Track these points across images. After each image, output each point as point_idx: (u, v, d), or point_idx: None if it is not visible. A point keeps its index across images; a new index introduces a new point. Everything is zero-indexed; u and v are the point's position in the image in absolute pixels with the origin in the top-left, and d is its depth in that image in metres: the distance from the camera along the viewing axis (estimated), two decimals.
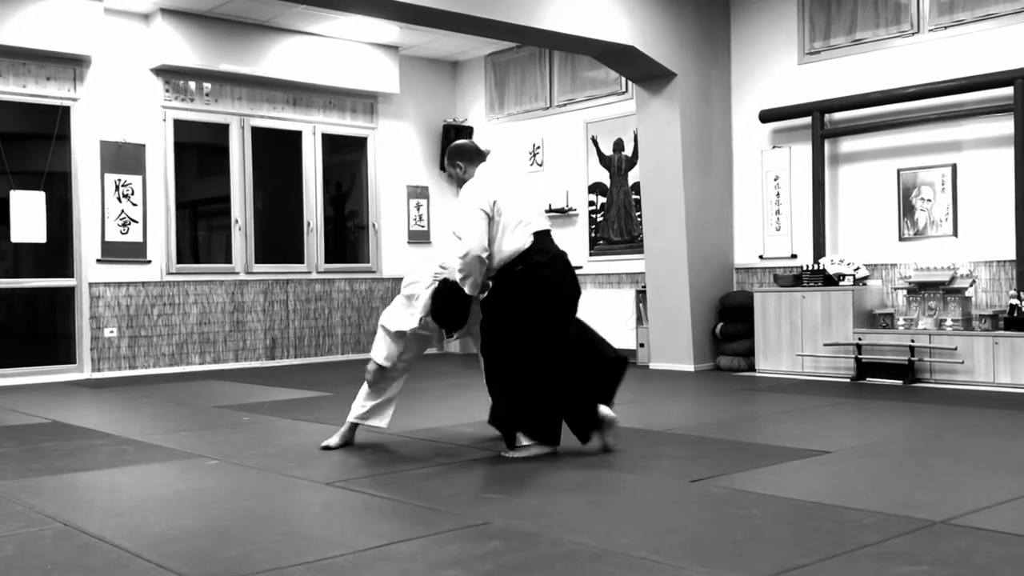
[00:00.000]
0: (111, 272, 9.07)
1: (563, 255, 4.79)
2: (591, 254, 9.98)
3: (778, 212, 8.64)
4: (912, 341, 7.30)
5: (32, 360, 8.76)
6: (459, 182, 4.90)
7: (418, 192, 11.20)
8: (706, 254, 8.69)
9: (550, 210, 10.14)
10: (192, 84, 9.57)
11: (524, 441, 4.66)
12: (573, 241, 10.06)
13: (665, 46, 8.35)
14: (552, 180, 10.33)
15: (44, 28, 8.43)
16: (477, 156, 4.87)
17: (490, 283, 4.66)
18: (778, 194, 8.64)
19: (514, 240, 4.57)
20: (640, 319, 9.24)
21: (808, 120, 8.29)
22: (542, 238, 4.69)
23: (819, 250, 8.18)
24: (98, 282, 9.00)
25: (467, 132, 11.14)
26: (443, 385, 7.85)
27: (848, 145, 8.24)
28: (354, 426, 5.04)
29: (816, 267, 8.00)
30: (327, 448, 4.97)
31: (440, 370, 9.19)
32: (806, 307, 7.91)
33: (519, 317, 4.58)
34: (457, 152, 4.90)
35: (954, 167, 7.58)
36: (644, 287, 9.12)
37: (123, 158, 9.14)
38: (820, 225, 8.21)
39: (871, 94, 7.92)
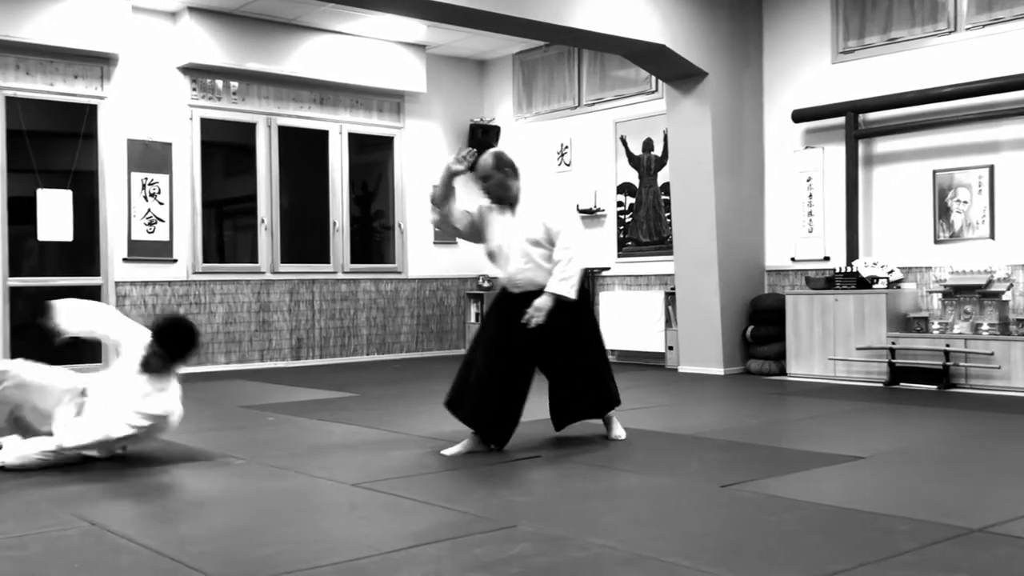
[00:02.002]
0: (137, 271, 9.06)
1: None
2: (619, 255, 9.88)
3: (810, 213, 8.52)
4: (947, 346, 7.17)
5: (58, 359, 8.69)
6: (501, 191, 4.92)
7: None
8: (737, 256, 8.59)
9: (577, 210, 10.00)
10: (219, 83, 9.55)
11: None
12: (601, 242, 9.99)
13: (697, 45, 8.26)
14: (580, 180, 10.25)
15: (72, 26, 8.43)
16: (519, 175, 4.99)
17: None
18: (811, 195, 8.52)
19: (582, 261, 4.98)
20: (669, 321, 9.16)
21: (842, 120, 8.17)
22: None
23: (852, 252, 8.06)
24: (124, 281, 8.99)
25: (494, 132, 11.08)
26: None
27: (883, 146, 8.11)
28: None
29: (849, 269, 7.89)
30: None
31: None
32: (839, 310, 7.80)
33: (594, 322, 5.13)
34: (506, 159, 4.95)
35: (991, 168, 7.45)
36: (673, 289, 9.04)
37: (150, 157, 9.13)
38: (853, 227, 8.09)
39: (906, 94, 7.79)
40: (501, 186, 4.90)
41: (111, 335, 4.85)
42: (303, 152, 10.26)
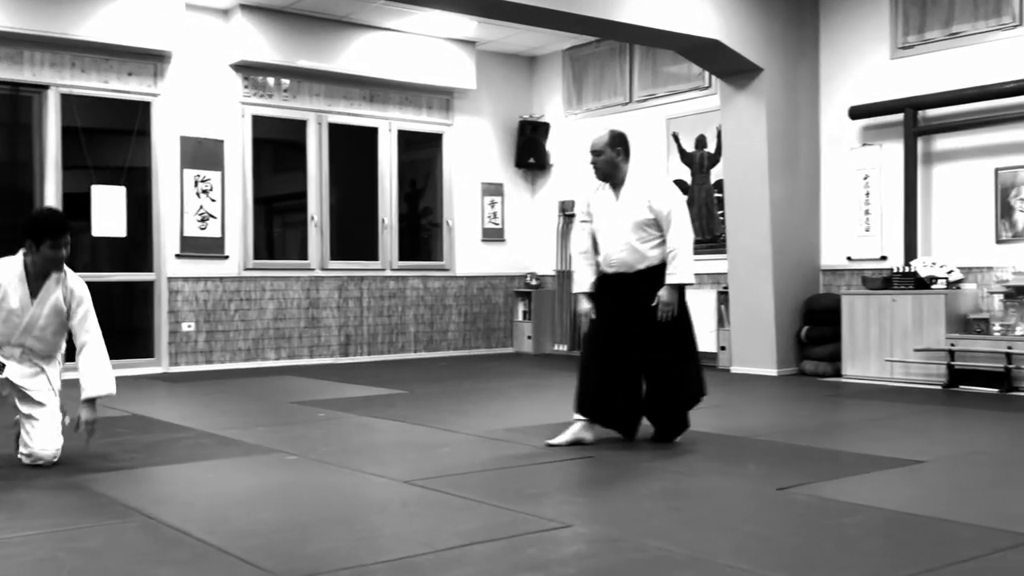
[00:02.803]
0: (189, 267, 9.13)
1: None
2: None
3: (867, 212, 8.37)
4: (1009, 348, 7.01)
5: (111, 353, 8.77)
6: (610, 168, 4.96)
7: (493, 189, 11.11)
8: (791, 255, 8.46)
9: None
10: (271, 80, 9.59)
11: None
12: None
13: (751, 40, 8.15)
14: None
15: (126, 24, 8.51)
16: (629, 157, 5.05)
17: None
18: (868, 193, 8.36)
19: None
20: (721, 321, 9.05)
21: (900, 117, 8.01)
22: None
23: (910, 252, 7.91)
24: (176, 277, 9.06)
25: (544, 128, 11.03)
26: (518, 385, 7.78)
27: (943, 143, 7.94)
28: None
29: (907, 269, 7.74)
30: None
31: (513, 370, 9.12)
32: (896, 311, 7.64)
33: (690, 322, 5.03)
34: (623, 140, 5.03)
35: None
36: (726, 288, 8.94)
37: (202, 154, 9.19)
38: (912, 226, 7.93)
39: (968, 90, 7.62)
40: (611, 164, 4.96)
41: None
42: (353, 149, 10.28)
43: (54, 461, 4.43)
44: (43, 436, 4.42)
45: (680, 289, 4.91)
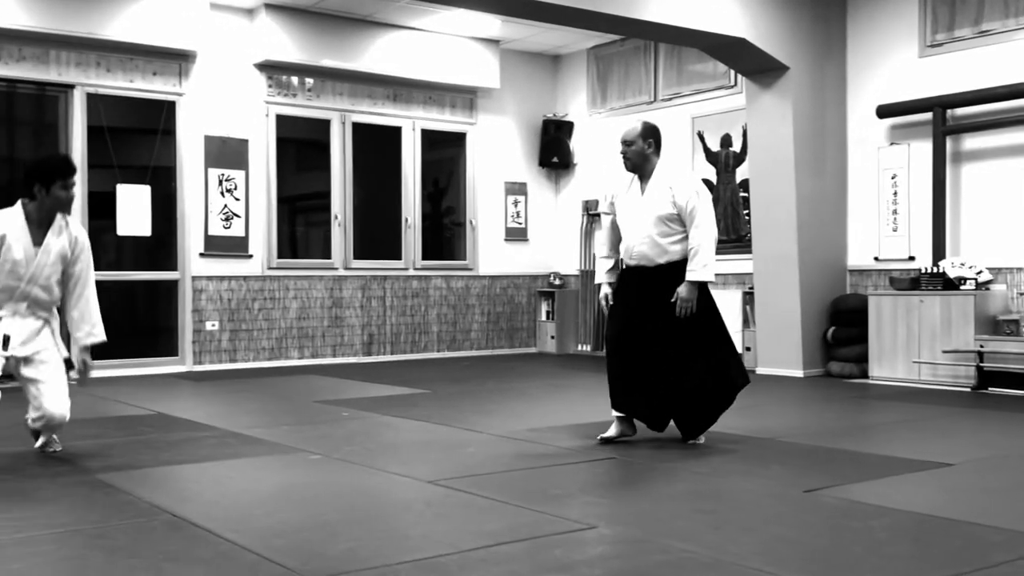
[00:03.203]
0: (213, 266, 9.15)
1: None
2: None
3: (895, 212, 8.28)
4: None
5: (135, 352, 8.88)
6: (640, 160, 4.96)
7: (516, 188, 11.08)
8: (818, 255, 8.39)
9: None
10: (295, 79, 9.61)
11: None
12: None
13: (778, 38, 8.08)
14: None
15: (151, 24, 8.54)
16: (660, 150, 5.04)
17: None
18: (895, 193, 8.28)
19: None
20: (747, 322, 8.99)
21: (929, 116, 7.92)
22: None
23: (939, 252, 7.83)
24: (201, 276, 9.09)
25: (568, 127, 11.00)
26: (541, 385, 7.75)
27: (972, 142, 7.84)
28: None
29: (935, 270, 7.66)
30: None
31: (537, 370, 9.09)
32: (924, 312, 7.56)
33: (717, 313, 5.02)
34: (655, 132, 5.01)
35: None
36: (751, 288, 8.88)
37: (227, 153, 9.21)
38: (940, 226, 7.84)
39: (998, 88, 7.52)
40: (641, 155, 4.95)
41: None
42: (376, 148, 10.29)
43: (65, 422, 4.46)
44: (53, 397, 4.46)
45: (702, 286, 4.89)
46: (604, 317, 5.29)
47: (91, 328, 4.60)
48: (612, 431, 5.02)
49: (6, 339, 4.39)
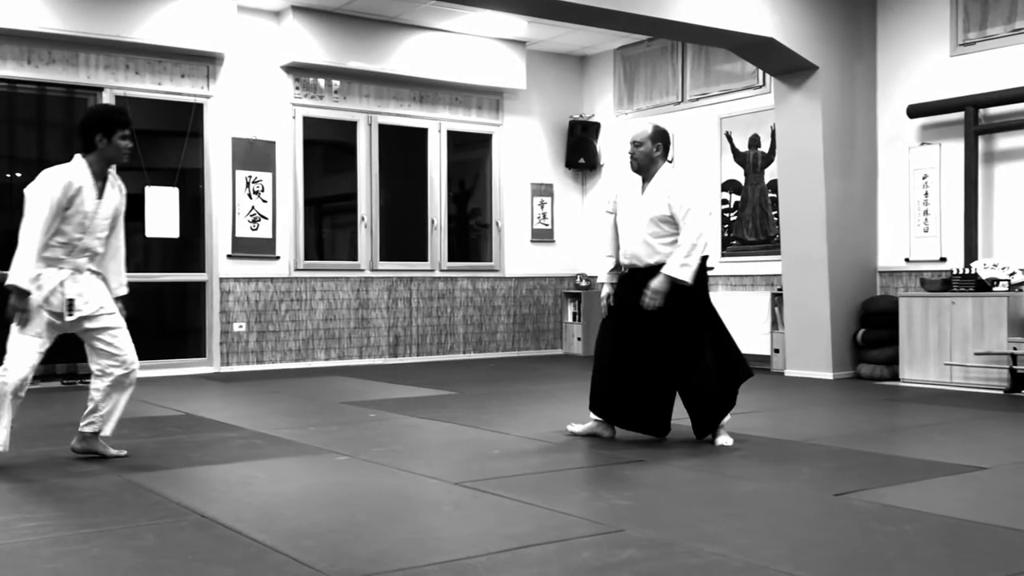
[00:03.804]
0: (241, 268, 9.18)
1: None
2: (724, 255, 9.66)
3: (926, 212, 8.19)
4: None
5: (163, 353, 8.92)
6: (646, 162, 5.03)
7: (542, 190, 11.06)
8: (847, 256, 8.31)
9: None
10: (321, 81, 9.63)
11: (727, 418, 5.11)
12: None
13: (807, 38, 8.02)
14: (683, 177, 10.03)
15: (179, 26, 8.59)
16: (667, 154, 5.12)
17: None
18: (926, 193, 8.19)
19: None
20: (775, 323, 8.92)
21: (960, 115, 7.83)
22: None
23: (971, 253, 7.73)
24: (228, 277, 9.13)
25: (594, 128, 10.96)
26: (568, 387, 7.72)
27: (1005, 142, 7.75)
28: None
29: (967, 271, 7.57)
30: None
31: (563, 372, 9.06)
32: (956, 313, 7.47)
33: (712, 311, 5.07)
34: (665, 137, 5.09)
35: None
36: (780, 290, 8.81)
37: (254, 155, 9.24)
38: (972, 227, 7.75)
39: None
40: (648, 157, 5.03)
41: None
42: (402, 150, 10.29)
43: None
44: (129, 344, 4.55)
45: (696, 286, 4.90)
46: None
47: (123, 280, 4.72)
48: (584, 428, 5.21)
49: (70, 303, 4.40)
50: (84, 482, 4.10)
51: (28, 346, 4.33)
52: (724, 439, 5.02)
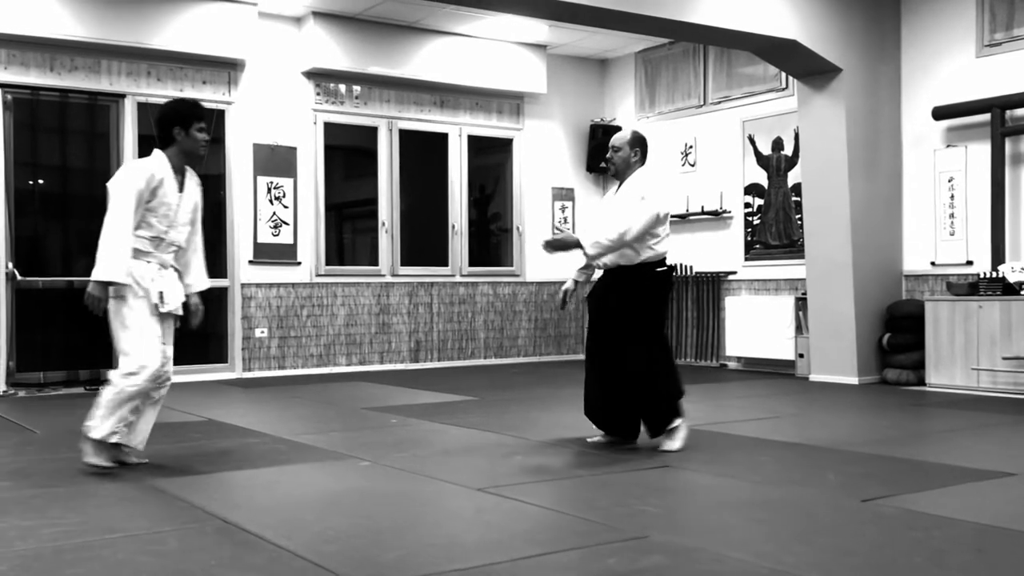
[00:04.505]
0: (262, 273, 9.19)
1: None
2: (747, 258, 9.59)
3: (952, 215, 8.10)
4: None
5: (185, 359, 8.91)
6: (623, 166, 5.10)
7: (563, 194, 11.03)
8: (872, 260, 8.24)
9: (702, 212, 9.87)
10: (342, 87, 9.64)
11: (676, 423, 4.95)
12: (727, 245, 9.73)
13: (830, 39, 7.95)
14: (705, 181, 10.00)
15: (201, 33, 8.61)
16: (645, 160, 5.18)
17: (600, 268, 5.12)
18: (952, 196, 8.10)
19: (666, 246, 5.01)
20: (799, 328, 8.84)
21: (987, 117, 7.75)
22: None
23: (998, 256, 7.64)
24: (250, 283, 9.14)
25: (615, 132, 10.87)
26: None
27: None
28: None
29: (994, 274, 7.49)
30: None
31: (584, 378, 8.98)
32: (983, 317, 7.38)
33: (653, 312, 4.99)
34: (643, 143, 5.17)
35: None
36: (804, 294, 8.73)
37: (275, 161, 9.26)
38: (999, 229, 7.66)
39: None
40: (625, 162, 5.10)
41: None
42: (423, 155, 10.29)
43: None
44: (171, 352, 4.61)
45: (647, 283, 4.92)
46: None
47: (204, 274, 4.78)
48: (598, 437, 5.19)
49: (161, 295, 4.44)
50: (107, 488, 4.10)
51: (146, 334, 4.35)
52: (669, 444, 4.93)
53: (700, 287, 10.00)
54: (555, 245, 4.92)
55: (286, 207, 9.30)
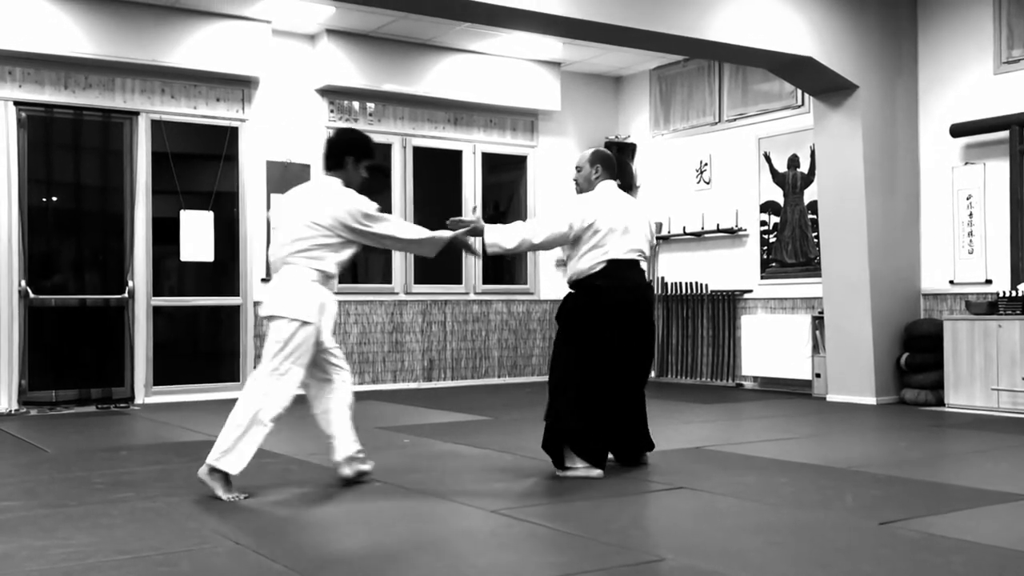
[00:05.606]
0: None
1: (640, 287, 4.98)
2: (763, 277, 9.53)
3: (971, 234, 8.03)
4: None
5: (197, 377, 8.91)
6: (586, 184, 5.11)
7: None
8: (890, 278, 8.16)
9: (717, 230, 9.80)
10: (356, 104, 9.64)
11: (576, 462, 4.75)
12: (743, 263, 9.66)
13: (846, 56, 7.91)
14: (720, 199, 9.94)
15: (215, 50, 8.63)
16: (610, 175, 5.14)
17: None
18: (971, 214, 8.03)
19: (587, 260, 4.85)
20: (816, 347, 8.76)
21: (1005, 134, 7.69)
22: (620, 266, 4.87)
23: (1017, 275, 7.57)
24: (262, 301, 9.09)
25: (630, 149, 10.89)
26: None
27: None
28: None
29: (1014, 293, 7.42)
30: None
31: None
32: (1002, 337, 7.30)
33: (579, 334, 4.82)
34: (605, 160, 5.16)
35: None
36: (821, 313, 8.65)
37: (288, 178, 9.23)
38: (1018, 248, 7.59)
39: None
40: (587, 180, 5.11)
41: None
42: (437, 172, 10.27)
43: None
44: None
45: (562, 312, 4.92)
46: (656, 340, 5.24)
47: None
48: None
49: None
50: (118, 508, 4.07)
51: (294, 379, 4.67)
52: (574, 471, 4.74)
53: (716, 305, 9.93)
54: (463, 226, 4.96)
55: None
